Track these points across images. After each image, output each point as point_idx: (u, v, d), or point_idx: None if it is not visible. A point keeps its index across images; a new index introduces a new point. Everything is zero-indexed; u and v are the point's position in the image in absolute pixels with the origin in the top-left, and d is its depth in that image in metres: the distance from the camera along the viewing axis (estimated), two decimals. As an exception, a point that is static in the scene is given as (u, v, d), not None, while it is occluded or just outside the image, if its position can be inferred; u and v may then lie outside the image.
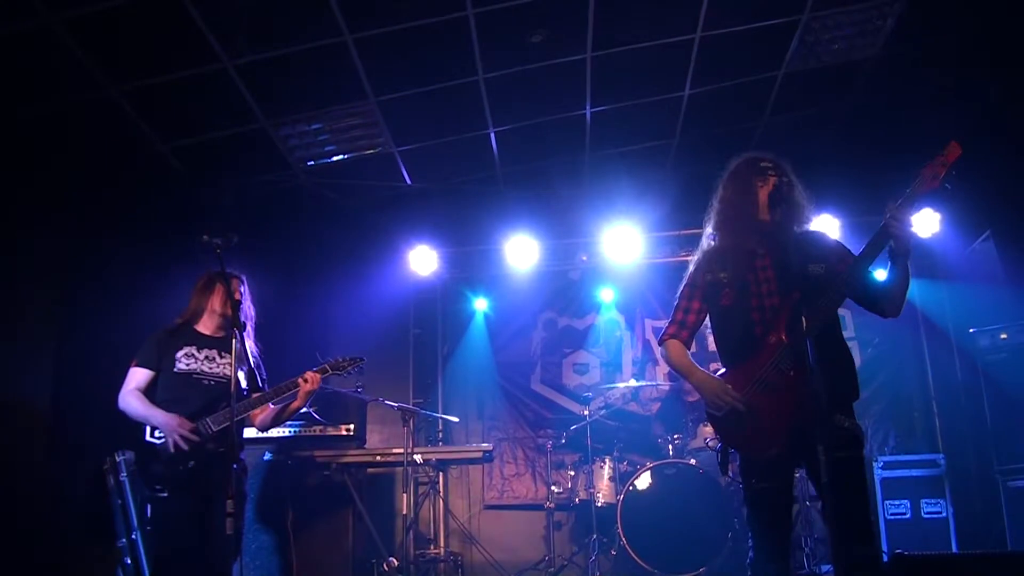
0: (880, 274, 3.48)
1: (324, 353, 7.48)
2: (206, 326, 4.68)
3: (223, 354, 4.62)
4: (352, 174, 7.73)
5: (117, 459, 5.67)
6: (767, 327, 3.50)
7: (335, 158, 7.44)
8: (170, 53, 5.69)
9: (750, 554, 3.63)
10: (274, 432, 5.99)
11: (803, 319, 3.19)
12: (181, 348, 4.55)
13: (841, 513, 3.13)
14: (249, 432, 5.23)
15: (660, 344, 3.92)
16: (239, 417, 4.36)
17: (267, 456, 6.44)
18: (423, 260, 8.41)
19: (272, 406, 4.68)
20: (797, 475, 3.71)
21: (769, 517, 3.58)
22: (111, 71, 5.74)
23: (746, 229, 3.70)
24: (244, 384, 4.65)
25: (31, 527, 5.57)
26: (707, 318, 3.82)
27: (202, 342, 4.62)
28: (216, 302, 4.64)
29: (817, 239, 3.72)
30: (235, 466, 4.43)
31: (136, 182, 6.51)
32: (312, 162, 7.44)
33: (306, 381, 4.62)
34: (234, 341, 4.05)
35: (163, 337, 4.60)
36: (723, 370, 3.72)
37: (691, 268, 3.87)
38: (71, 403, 5.92)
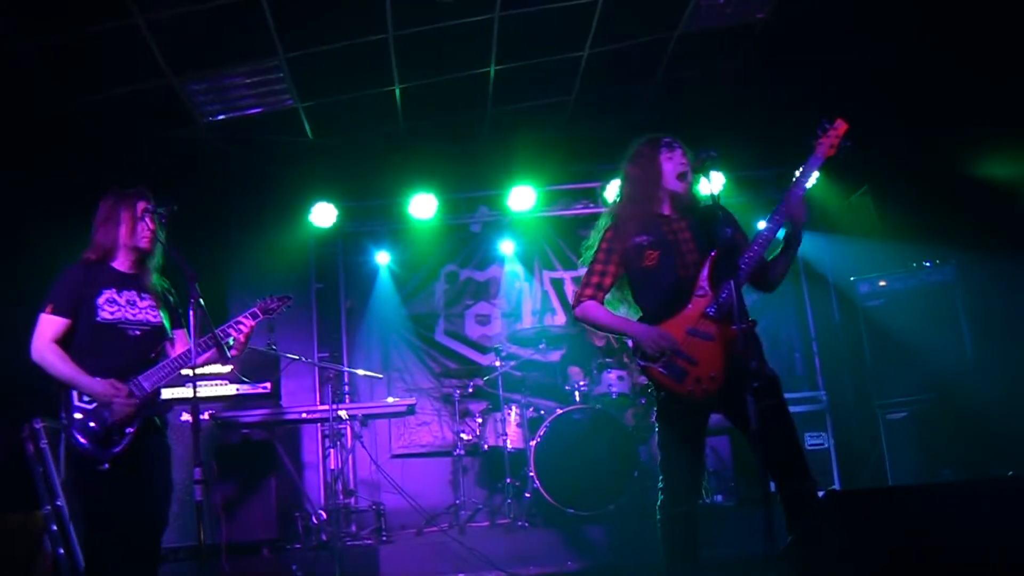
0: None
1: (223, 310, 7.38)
2: (122, 263, 4.14)
3: (142, 295, 4.14)
4: (254, 130, 7.63)
5: (36, 427, 5.50)
6: (692, 283, 3.79)
7: (238, 114, 7.33)
8: (80, 6, 5.50)
9: (660, 496, 3.85)
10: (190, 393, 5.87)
11: (729, 273, 3.60)
12: (101, 293, 4.01)
13: (780, 455, 3.55)
14: (166, 393, 4.84)
15: (576, 306, 4.06)
16: (176, 375, 4.11)
17: (184, 417, 6.39)
18: (324, 214, 8.34)
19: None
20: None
21: (686, 457, 3.83)
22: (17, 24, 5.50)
23: (658, 199, 4.01)
24: (168, 326, 4.24)
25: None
26: (618, 281, 4.05)
27: (121, 282, 4.09)
28: (126, 233, 4.11)
29: (718, 208, 3.96)
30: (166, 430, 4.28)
31: (41, 138, 6.26)
32: (214, 118, 7.30)
33: (242, 331, 4.24)
34: (191, 310, 3.84)
35: (78, 278, 4.03)
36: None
37: (603, 236, 4.07)
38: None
